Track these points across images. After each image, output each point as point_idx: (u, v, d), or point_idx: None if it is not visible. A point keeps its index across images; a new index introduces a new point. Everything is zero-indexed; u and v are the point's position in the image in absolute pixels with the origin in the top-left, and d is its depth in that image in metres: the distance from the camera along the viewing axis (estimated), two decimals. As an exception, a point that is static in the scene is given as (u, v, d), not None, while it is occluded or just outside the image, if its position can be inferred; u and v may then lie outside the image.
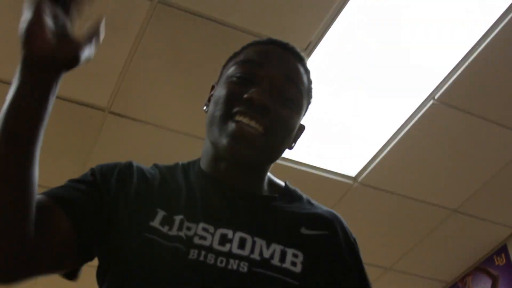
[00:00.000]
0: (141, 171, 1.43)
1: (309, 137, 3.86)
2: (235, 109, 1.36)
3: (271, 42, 1.51)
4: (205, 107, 1.50)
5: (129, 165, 1.44)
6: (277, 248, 1.32)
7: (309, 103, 1.55)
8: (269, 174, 1.51)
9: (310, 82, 1.54)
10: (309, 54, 3.34)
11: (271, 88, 1.39)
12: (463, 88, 3.58)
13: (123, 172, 1.41)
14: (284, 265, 1.30)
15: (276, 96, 1.39)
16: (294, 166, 3.97)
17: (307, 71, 1.54)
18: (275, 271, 1.28)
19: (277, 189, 1.50)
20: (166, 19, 3.16)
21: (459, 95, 3.63)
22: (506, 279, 4.67)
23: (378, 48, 3.38)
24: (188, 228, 1.29)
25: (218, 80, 1.51)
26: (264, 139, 1.36)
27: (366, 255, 1.48)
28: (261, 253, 1.30)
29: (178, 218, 1.31)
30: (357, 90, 3.60)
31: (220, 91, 1.41)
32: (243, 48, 1.52)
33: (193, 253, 1.26)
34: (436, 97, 3.63)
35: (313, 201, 1.52)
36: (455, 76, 3.51)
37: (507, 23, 3.24)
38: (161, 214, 1.32)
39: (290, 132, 1.44)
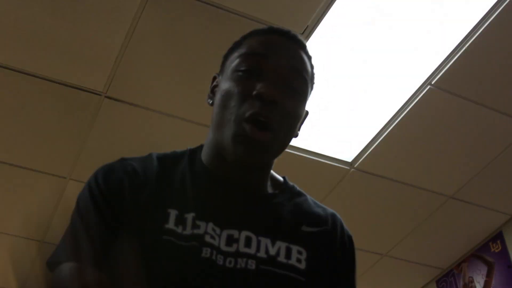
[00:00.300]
0: (144, 171, 1.40)
1: (305, 122, 3.85)
2: (247, 114, 1.34)
3: (273, 31, 1.50)
4: (209, 100, 1.49)
5: (133, 171, 1.40)
6: (282, 245, 1.35)
7: (312, 89, 1.55)
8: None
9: (312, 68, 1.55)
10: (306, 39, 3.33)
11: (278, 80, 1.38)
12: (460, 74, 3.58)
13: (131, 182, 1.37)
14: (290, 262, 1.33)
15: (283, 87, 1.39)
16: (290, 151, 3.96)
17: (310, 58, 1.54)
18: (282, 268, 1.32)
19: (277, 185, 1.51)
20: (162, 2, 3.15)
21: (456, 80, 3.62)
22: (501, 266, 4.67)
23: (375, 33, 3.36)
24: (198, 226, 1.31)
25: (221, 72, 1.50)
26: (273, 138, 1.36)
27: (361, 241, 1.49)
28: (267, 251, 1.32)
29: (190, 216, 1.32)
30: (354, 75, 3.59)
31: (228, 88, 1.40)
32: (244, 38, 1.50)
33: (205, 252, 1.28)
34: (433, 82, 3.62)
35: (310, 198, 1.53)
36: (452, 62, 3.50)
37: (503, 8, 3.23)
38: (173, 214, 1.32)
39: (297, 123, 1.45)
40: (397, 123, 3.87)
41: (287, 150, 1.49)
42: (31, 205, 4.30)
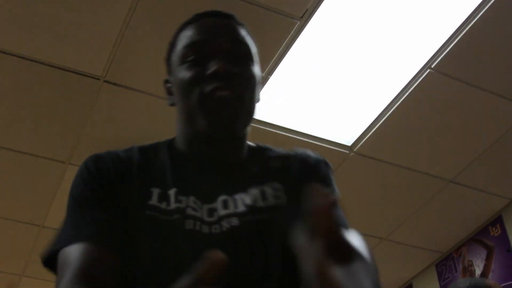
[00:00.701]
0: (128, 159, 1.43)
1: (305, 106, 3.85)
2: (206, 90, 1.36)
3: (200, 17, 1.52)
4: (169, 101, 1.51)
5: (118, 158, 1.43)
6: (256, 191, 1.37)
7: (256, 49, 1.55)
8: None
9: (249, 32, 1.53)
10: (305, 23, 3.32)
11: (224, 55, 1.40)
12: (460, 57, 3.57)
13: (116, 168, 1.40)
14: (269, 203, 1.36)
15: (232, 59, 1.40)
16: (289, 135, 3.97)
17: (242, 24, 1.53)
18: (263, 212, 1.34)
19: (252, 152, 1.52)
20: (161, -14, 3.14)
21: (456, 64, 3.62)
22: (501, 250, 4.69)
23: (375, 17, 3.35)
24: (180, 201, 1.33)
25: (170, 73, 1.52)
26: (239, 103, 1.38)
27: (361, 225, 1.49)
28: (244, 203, 1.35)
29: (172, 192, 1.35)
30: (354, 59, 3.58)
31: (182, 80, 1.41)
32: (177, 34, 1.52)
33: (189, 223, 1.30)
34: (432, 66, 3.62)
35: (282, 149, 1.55)
36: (452, 45, 3.49)
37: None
38: (156, 192, 1.35)
39: (257, 87, 1.46)
40: (396, 107, 3.86)
41: (286, 133, 1.49)
42: (30, 190, 4.30)
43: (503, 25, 3.42)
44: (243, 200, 1.35)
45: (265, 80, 3.64)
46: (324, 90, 3.75)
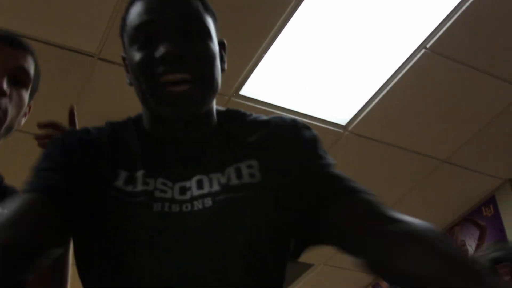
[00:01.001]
0: (99, 138, 1.42)
1: (299, 84, 3.84)
2: (156, 73, 1.32)
3: None
4: (127, 80, 1.47)
5: (89, 137, 1.42)
6: (231, 169, 1.33)
7: (215, 19, 1.47)
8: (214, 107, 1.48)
9: (202, 1, 1.46)
10: (300, 1, 3.31)
11: (173, 34, 1.34)
12: (455, 38, 3.57)
13: (85, 145, 1.40)
14: (243, 181, 1.31)
15: (183, 38, 1.35)
16: (283, 113, 3.96)
17: None
18: (237, 190, 1.29)
19: (222, 122, 1.47)
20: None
21: (451, 44, 3.61)
22: (493, 230, 4.71)
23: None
24: (148, 183, 1.30)
25: (124, 50, 1.47)
26: (197, 86, 1.33)
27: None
28: (219, 183, 1.30)
29: (139, 175, 1.32)
30: (349, 38, 3.57)
31: (132, 62, 1.38)
32: (129, 5, 1.45)
33: (156, 206, 1.27)
34: (428, 46, 3.61)
35: (255, 114, 1.51)
36: (447, 25, 3.49)
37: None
38: (123, 174, 1.33)
39: (215, 61, 1.39)
40: (391, 87, 3.86)
41: (279, 112, 1.47)
42: (27, 167, 4.29)
43: (499, 5, 3.41)
44: (219, 179, 1.31)
45: (259, 58, 3.63)
46: (319, 69, 3.75)
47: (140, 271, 1.24)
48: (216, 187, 1.30)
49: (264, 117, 1.48)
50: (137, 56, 1.35)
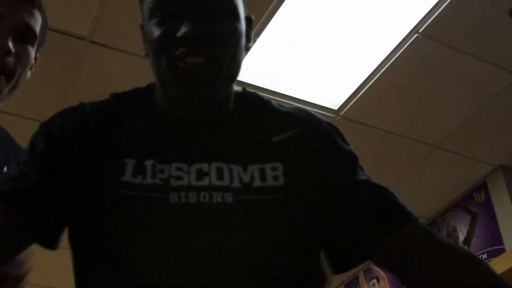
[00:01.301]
0: (100, 116, 1.33)
1: (291, 68, 3.84)
2: (176, 53, 1.24)
3: None
4: (143, 51, 1.39)
5: (87, 116, 1.34)
6: (254, 168, 1.27)
7: None
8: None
9: None
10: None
11: (197, 12, 1.25)
12: (447, 22, 3.56)
13: (83, 128, 1.31)
14: (267, 183, 1.25)
15: (206, 16, 1.26)
16: (275, 98, 3.95)
17: None
18: (260, 193, 1.24)
19: (242, 101, 1.41)
20: None
21: (444, 29, 3.61)
22: (484, 216, 4.72)
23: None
24: (161, 171, 1.23)
25: (143, 19, 1.37)
26: (217, 69, 1.25)
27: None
28: (240, 180, 1.24)
29: (149, 164, 1.24)
30: (341, 22, 3.56)
31: (150, 36, 1.29)
32: None
33: (173, 197, 1.20)
34: (420, 31, 3.61)
35: (274, 103, 1.45)
36: (439, 10, 3.48)
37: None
38: (130, 163, 1.24)
39: (239, 42, 1.31)
40: (383, 71, 3.86)
41: (272, 96, 1.44)
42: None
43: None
44: (240, 175, 1.25)
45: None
46: (311, 53, 3.74)
47: (160, 269, 1.17)
48: (237, 184, 1.24)
49: (290, 110, 1.42)
50: (156, 31, 1.27)
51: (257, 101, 1.44)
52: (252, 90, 1.47)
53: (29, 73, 1.82)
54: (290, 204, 1.26)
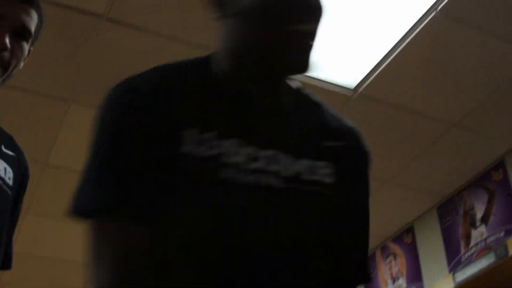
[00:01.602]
0: (157, 88, 1.30)
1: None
2: (290, 18, 1.33)
3: None
4: (218, 13, 1.38)
5: (145, 90, 1.29)
6: (306, 162, 1.31)
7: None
8: None
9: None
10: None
11: (312, 12, 1.38)
12: (466, 1, 3.53)
13: (145, 102, 1.27)
14: (316, 177, 1.31)
15: (312, 17, 1.40)
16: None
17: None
18: (310, 184, 1.30)
19: (293, 93, 1.43)
20: None
21: (462, 8, 3.57)
22: (502, 194, 4.70)
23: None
24: (218, 146, 1.23)
25: None
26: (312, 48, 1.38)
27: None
28: (293, 169, 1.29)
29: (209, 136, 1.24)
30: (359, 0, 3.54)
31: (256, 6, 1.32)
32: None
33: (225, 172, 1.22)
34: (438, 8, 3.58)
35: (329, 108, 1.49)
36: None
37: None
38: (192, 133, 1.23)
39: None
40: (401, 49, 3.84)
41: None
42: (33, 127, 4.29)
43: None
44: (293, 164, 1.29)
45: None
46: (328, 31, 3.72)
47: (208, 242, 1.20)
48: (288, 172, 1.28)
49: (339, 121, 1.47)
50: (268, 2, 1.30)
51: (314, 102, 1.47)
52: (305, 90, 1.49)
53: (22, 64, 1.98)
54: (335, 202, 1.33)
